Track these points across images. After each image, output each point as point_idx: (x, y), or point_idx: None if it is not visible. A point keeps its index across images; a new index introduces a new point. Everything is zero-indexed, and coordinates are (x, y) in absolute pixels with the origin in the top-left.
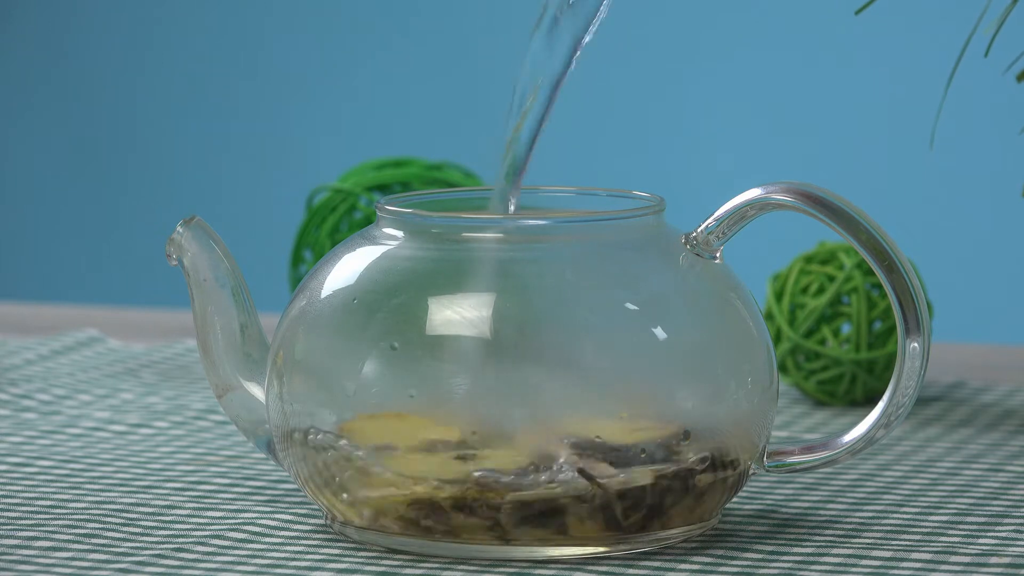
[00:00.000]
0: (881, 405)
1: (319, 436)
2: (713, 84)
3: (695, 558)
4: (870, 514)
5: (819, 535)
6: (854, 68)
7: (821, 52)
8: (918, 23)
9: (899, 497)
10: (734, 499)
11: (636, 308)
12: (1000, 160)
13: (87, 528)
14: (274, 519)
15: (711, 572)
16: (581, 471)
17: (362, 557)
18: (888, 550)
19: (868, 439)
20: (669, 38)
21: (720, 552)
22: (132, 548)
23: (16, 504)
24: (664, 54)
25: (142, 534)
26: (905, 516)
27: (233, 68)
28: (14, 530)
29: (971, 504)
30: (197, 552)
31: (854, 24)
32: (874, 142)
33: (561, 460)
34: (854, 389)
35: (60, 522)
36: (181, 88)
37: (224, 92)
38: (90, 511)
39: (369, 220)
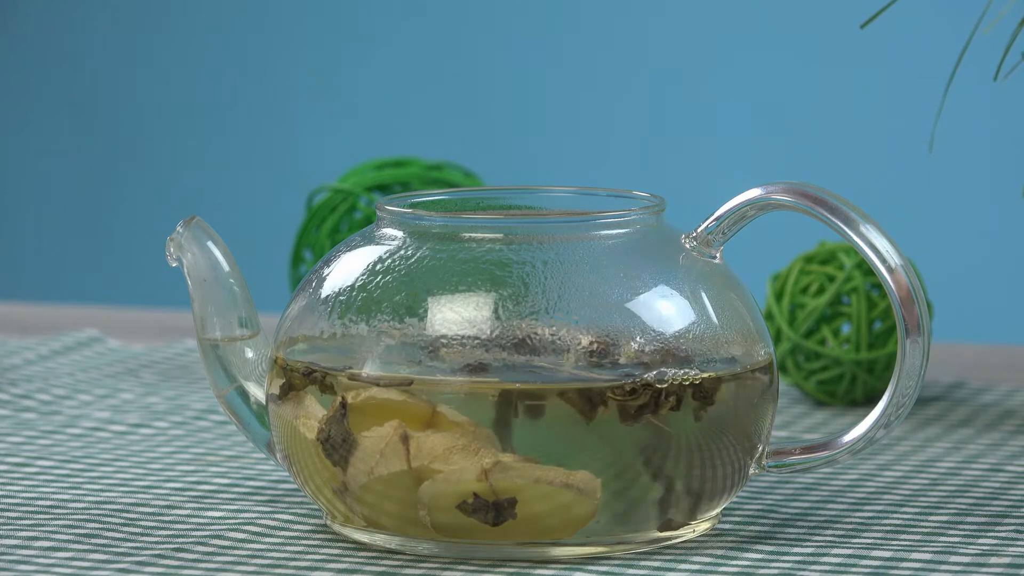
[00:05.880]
0: (881, 405)
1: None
2: (713, 84)
3: (695, 558)
4: (870, 514)
5: (819, 535)
6: (854, 69)
7: (821, 53)
8: (918, 25)
9: (899, 497)
10: (734, 499)
11: (636, 308)
12: (1000, 161)
13: (87, 528)
14: (274, 519)
15: (711, 572)
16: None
17: (362, 557)
18: (888, 550)
19: (868, 439)
20: (670, 39)
21: (720, 552)
22: (132, 548)
23: (16, 504)
24: (665, 54)
25: (142, 534)
26: (905, 516)
27: (233, 68)
28: (14, 530)
29: (971, 504)
30: (197, 552)
31: (854, 25)
32: (874, 142)
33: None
34: (854, 389)
35: (60, 522)
36: (181, 88)
37: (224, 92)
38: (90, 511)
39: (369, 220)
